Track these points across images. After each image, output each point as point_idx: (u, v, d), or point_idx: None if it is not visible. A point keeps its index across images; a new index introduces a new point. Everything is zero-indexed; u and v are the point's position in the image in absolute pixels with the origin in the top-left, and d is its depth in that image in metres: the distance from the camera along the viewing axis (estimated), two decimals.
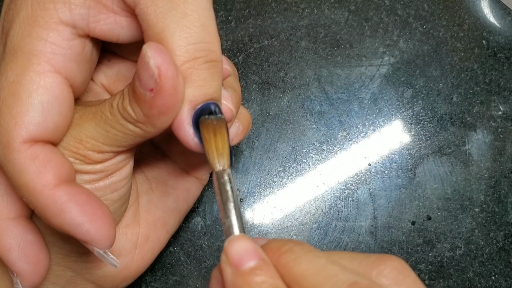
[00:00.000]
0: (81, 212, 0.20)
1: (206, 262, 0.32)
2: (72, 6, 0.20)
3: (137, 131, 0.20)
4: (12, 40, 0.20)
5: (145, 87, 0.18)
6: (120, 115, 0.20)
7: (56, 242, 0.23)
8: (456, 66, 0.35)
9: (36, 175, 0.19)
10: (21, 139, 0.19)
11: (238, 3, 0.35)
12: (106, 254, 0.21)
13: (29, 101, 0.19)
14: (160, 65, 0.18)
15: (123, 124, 0.20)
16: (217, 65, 0.20)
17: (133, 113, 0.20)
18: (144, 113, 0.19)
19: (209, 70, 0.20)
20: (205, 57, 0.19)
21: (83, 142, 0.21)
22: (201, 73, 0.19)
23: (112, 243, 0.21)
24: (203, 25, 0.19)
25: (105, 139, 0.21)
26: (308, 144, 0.34)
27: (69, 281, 0.25)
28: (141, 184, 0.27)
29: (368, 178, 0.33)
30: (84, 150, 0.21)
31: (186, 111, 0.20)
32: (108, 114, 0.20)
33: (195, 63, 0.19)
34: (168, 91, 0.18)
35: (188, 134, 0.20)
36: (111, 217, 0.21)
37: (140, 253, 0.26)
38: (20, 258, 0.21)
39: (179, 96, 0.19)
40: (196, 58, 0.19)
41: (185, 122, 0.20)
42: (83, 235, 0.20)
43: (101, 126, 0.21)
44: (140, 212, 0.27)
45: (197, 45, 0.19)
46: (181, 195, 0.28)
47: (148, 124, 0.20)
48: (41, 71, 0.19)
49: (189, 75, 0.19)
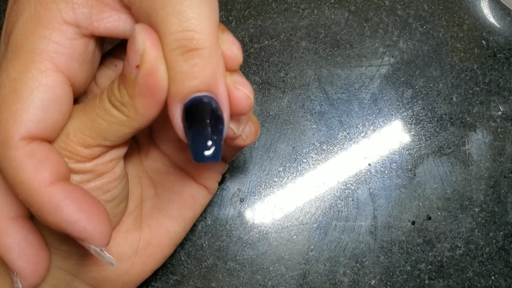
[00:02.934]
0: (78, 209, 0.19)
1: (206, 261, 0.32)
2: (75, 6, 0.20)
3: (120, 117, 0.20)
4: (15, 39, 0.20)
5: (131, 63, 0.19)
6: (108, 100, 0.20)
7: (55, 243, 0.23)
8: (456, 66, 0.35)
9: (33, 172, 0.19)
10: (19, 136, 0.19)
11: (238, 3, 0.35)
12: (103, 252, 0.20)
13: (29, 98, 0.19)
14: (144, 39, 0.18)
15: (108, 110, 0.20)
16: (201, 53, 0.18)
17: (118, 94, 0.20)
18: (128, 93, 0.19)
19: (189, 61, 0.18)
20: (183, 47, 0.18)
21: (70, 136, 0.21)
22: (179, 65, 0.19)
23: (109, 241, 0.21)
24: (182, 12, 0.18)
25: (91, 131, 0.21)
26: (308, 144, 0.34)
27: (69, 285, 0.25)
28: (146, 189, 0.27)
29: (368, 178, 0.33)
30: (72, 145, 0.21)
31: (173, 104, 0.19)
32: (97, 102, 0.20)
33: (172, 55, 0.19)
34: (150, 68, 0.18)
35: (177, 128, 0.20)
36: (107, 215, 0.21)
37: (141, 259, 0.26)
38: (20, 257, 0.21)
39: (157, 77, 0.19)
40: (173, 49, 0.18)
41: (174, 117, 0.19)
42: (80, 233, 0.19)
43: (87, 116, 0.21)
44: (142, 218, 0.27)
45: (175, 35, 0.18)
46: (186, 202, 0.28)
47: (131, 107, 0.20)
48: (43, 69, 0.19)
49: (168, 67, 0.19)
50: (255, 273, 0.32)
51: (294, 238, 0.32)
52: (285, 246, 0.32)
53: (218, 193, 0.33)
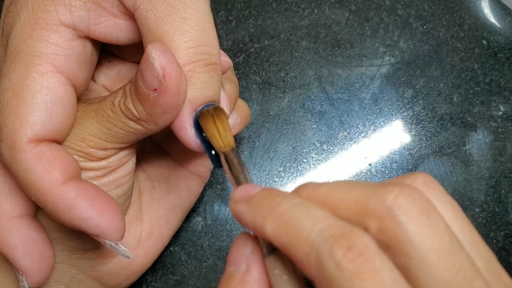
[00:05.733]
0: (90, 206, 0.20)
1: (206, 262, 0.32)
2: (73, 8, 0.20)
3: (139, 128, 0.21)
4: (14, 42, 0.20)
5: (149, 87, 0.19)
6: (122, 114, 0.20)
7: (61, 239, 0.24)
8: (456, 66, 0.35)
9: (43, 173, 0.19)
10: (26, 139, 0.19)
11: (238, 3, 0.35)
12: (118, 246, 0.21)
13: (33, 101, 0.19)
14: (164, 65, 0.18)
15: (125, 122, 0.21)
16: (216, 67, 0.20)
17: (135, 111, 0.20)
18: (147, 111, 0.20)
19: (209, 73, 0.20)
20: (204, 60, 0.20)
21: (86, 141, 0.21)
22: (201, 76, 0.20)
23: (123, 235, 0.21)
24: (203, 29, 0.20)
25: (108, 137, 0.21)
26: (308, 144, 0.34)
27: (74, 279, 0.25)
28: (143, 182, 0.28)
29: (369, 178, 0.33)
30: (87, 148, 0.21)
31: (187, 113, 0.20)
32: (110, 113, 0.21)
33: (195, 66, 0.20)
34: (172, 91, 0.19)
35: (190, 135, 0.20)
36: (119, 209, 0.21)
37: (144, 250, 0.27)
38: (25, 256, 0.21)
39: (181, 95, 0.19)
40: (196, 61, 0.20)
41: (186, 124, 0.20)
42: (94, 229, 0.20)
43: (103, 124, 0.21)
44: (143, 210, 0.27)
45: (197, 49, 0.20)
46: (183, 192, 0.29)
47: (151, 122, 0.20)
48: (43, 71, 0.20)
49: (189, 77, 0.20)
50: None
51: None
52: None
53: (218, 193, 0.33)
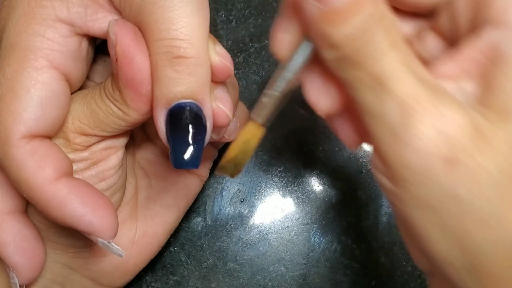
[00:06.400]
0: (83, 203, 0.20)
1: (206, 262, 0.32)
2: (70, 4, 0.20)
3: (117, 112, 0.20)
4: (8, 37, 0.20)
5: (112, 57, 0.19)
6: (105, 94, 0.20)
7: (52, 236, 0.24)
8: None
9: (36, 169, 0.19)
10: (20, 135, 0.19)
11: (238, 2, 0.35)
12: (110, 244, 0.21)
13: (27, 96, 0.19)
14: (116, 32, 0.18)
15: (108, 104, 0.20)
16: (187, 61, 0.19)
17: (111, 89, 0.20)
18: (117, 87, 0.20)
19: (175, 67, 0.19)
20: (170, 53, 0.18)
21: (68, 124, 0.21)
22: (164, 69, 0.19)
23: (116, 233, 0.21)
24: (174, 19, 0.18)
25: (89, 121, 0.21)
26: (309, 144, 0.34)
27: (68, 278, 0.25)
28: (140, 179, 0.28)
29: (369, 178, 0.33)
30: (68, 133, 0.21)
31: (157, 109, 0.19)
32: (97, 95, 0.21)
33: (158, 59, 0.19)
34: (125, 59, 0.18)
35: (161, 133, 0.20)
36: (112, 207, 0.21)
37: (138, 249, 0.26)
38: (16, 252, 0.21)
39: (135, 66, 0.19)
40: (159, 54, 0.19)
41: (157, 121, 0.20)
42: (86, 227, 0.20)
43: (88, 106, 0.21)
44: (138, 208, 0.27)
45: (162, 41, 0.18)
46: (180, 192, 0.28)
47: (122, 101, 0.20)
48: (38, 66, 0.19)
49: (154, 71, 0.19)
50: (255, 273, 0.32)
51: (294, 238, 0.32)
52: (286, 246, 0.32)
53: (218, 193, 0.33)
